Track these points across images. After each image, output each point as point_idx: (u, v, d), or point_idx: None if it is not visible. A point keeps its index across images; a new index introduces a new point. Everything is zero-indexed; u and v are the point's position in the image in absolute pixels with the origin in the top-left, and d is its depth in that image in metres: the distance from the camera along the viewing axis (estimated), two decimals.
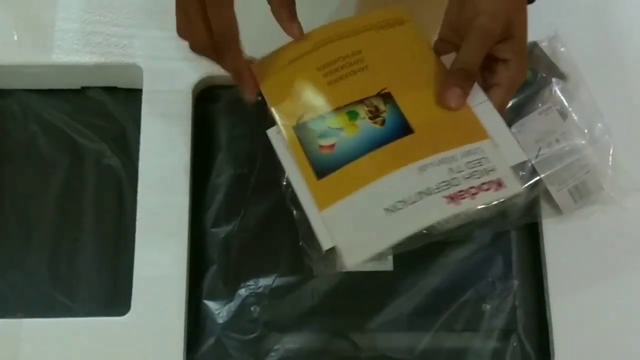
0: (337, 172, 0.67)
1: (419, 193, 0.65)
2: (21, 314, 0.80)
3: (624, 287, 0.80)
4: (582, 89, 0.84)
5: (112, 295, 0.82)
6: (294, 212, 0.79)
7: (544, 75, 0.83)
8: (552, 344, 0.79)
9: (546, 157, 0.81)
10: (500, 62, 0.70)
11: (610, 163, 0.82)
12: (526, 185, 0.80)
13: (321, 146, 0.69)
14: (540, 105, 0.82)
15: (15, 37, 0.85)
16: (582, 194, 0.81)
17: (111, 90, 0.88)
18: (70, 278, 0.82)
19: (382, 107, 0.70)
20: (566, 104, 0.82)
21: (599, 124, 0.83)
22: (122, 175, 0.85)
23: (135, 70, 0.85)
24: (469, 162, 0.66)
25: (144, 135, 0.83)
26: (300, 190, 0.68)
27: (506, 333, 0.81)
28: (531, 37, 0.84)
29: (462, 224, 0.79)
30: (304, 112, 0.71)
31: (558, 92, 0.83)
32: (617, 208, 0.81)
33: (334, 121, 0.70)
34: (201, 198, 0.84)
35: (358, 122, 0.69)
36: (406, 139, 0.68)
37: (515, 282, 0.82)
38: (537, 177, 0.80)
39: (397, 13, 0.77)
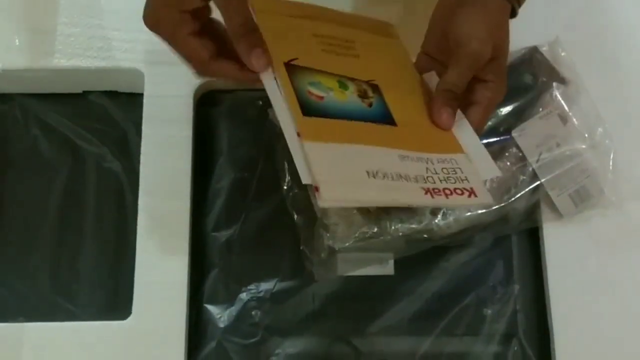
0: (324, 119, 0.65)
1: (399, 175, 0.63)
2: (23, 318, 0.80)
3: (624, 291, 0.80)
4: (582, 93, 0.84)
5: (113, 299, 0.82)
6: (295, 216, 0.80)
7: (544, 79, 0.83)
8: (553, 348, 0.79)
9: (547, 161, 0.81)
10: (481, 82, 0.69)
11: (610, 167, 0.82)
12: (527, 189, 0.80)
13: (310, 92, 0.67)
14: (540, 109, 0.82)
15: (17, 41, 0.85)
16: (582, 198, 0.81)
17: (112, 94, 0.88)
18: (72, 282, 0.82)
19: (370, 93, 0.70)
20: (567, 108, 0.82)
21: (599, 129, 0.83)
22: (123, 179, 0.85)
23: (136, 74, 0.85)
24: (444, 167, 0.66)
25: (145, 140, 0.83)
26: (285, 123, 0.64)
27: (507, 337, 0.81)
28: (532, 41, 0.85)
29: (463, 228, 0.79)
30: (298, 56, 0.68)
31: (559, 96, 0.83)
32: (617, 212, 0.81)
33: (325, 80, 0.68)
34: (202, 202, 0.84)
35: (347, 93, 0.69)
36: (389, 127, 0.68)
37: (516, 287, 0.82)
38: (538, 182, 0.81)
39: (389, 28, 0.78)
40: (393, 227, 0.78)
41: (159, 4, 0.66)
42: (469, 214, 0.79)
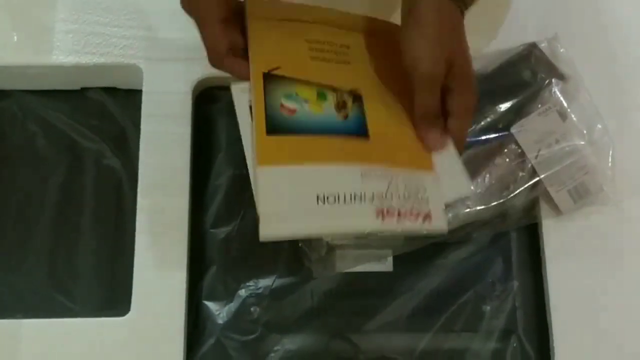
0: (288, 136, 0.66)
1: (354, 195, 0.64)
2: (21, 314, 0.80)
3: (623, 288, 0.80)
4: (581, 90, 0.84)
5: (112, 295, 0.82)
6: None
7: (543, 76, 0.83)
8: (552, 344, 0.79)
9: (546, 158, 0.81)
10: (447, 92, 0.68)
11: (609, 164, 0.82)
12: (526, 185, 0.80)
13: (282, 105, 0.67)
14: (540, 106, 0.82)
15: (15, 38, 0.85)
16: (581, 194, 0.81)
17: (111, 90, 0.88)
18: (70, 278, 0.82)
19: (349, 103, 0.69)
20: (566, 105, 0.82)
21: (598, 125, 0.83)
22: (122, 175, 0.85)
23: (135, 70, 0.85)
24: (407, 185, 0.66)
25: (144, 136, 0.83)
26: (247, 143, 0.66)
27: (506, 334, 0.81)
28: (530, 38, 0.85)
29: (462, 225, 0.79)
30: (279, 66, 0.69)
31: (558, 93, 0.83)
32: (616, 208, 0.82)
33: (303, 91, 0.68)
34: (201, 199, 0.84)
35: (324, 104, 0.68)
36: (360, 141, 0.68)
37: (515, 283, 0.82)
38: (537, 178, 0.81)
39: (392, 27, 0.77)
40: None
41: None
42: (467, 210, 0.79)
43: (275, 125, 0.65)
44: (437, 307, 0.81)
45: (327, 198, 0.63)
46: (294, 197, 0.63)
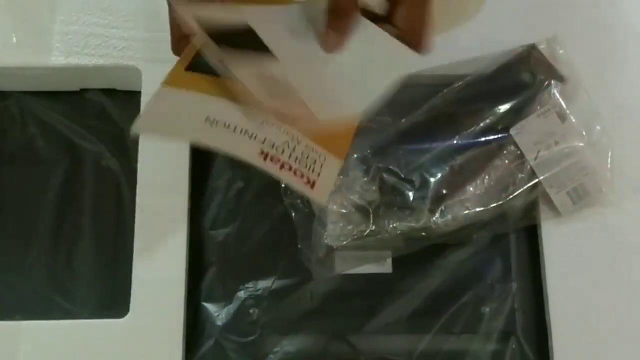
0: (208, 75, 0.62)
1: (245, 131, 0.61)
2: (20, 316, 0.80)
3: (623, 290, 0.80)
4: (580, 91, 0.84)
5: (111, 297, 0.82)
6: (293, 214, 0.80)
7: (543, 77, 0.83)
8: (552, 346, 0.79)
9: (545, 159, 0.81)
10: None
11: (609, 166, 0.82)
12: (525, 187, 0.80)
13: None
14: (539, 107, 0.82)
15: (14, 39, 0.85)
16: (581, 196, 0.81)
17: (110, 92, 0.88)
18: (69, 280, 0.82)
19: None
20: (565, 106, 0.82)
21: (597, 127, 0.83)
22: (121, 177, 0.85)
23: (134, 72, 0.84)
24: (306, 152, 0.63)
25: (143, 137, 0.83)
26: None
27: (505, 336, 0.81)
28: (530, 39, 0.85)
29: (461, 226, 0.79)
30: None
31: (557, 94, 0.83)
32: (616, 210, 0.82)
33: None
34: (200, 200, 0.84)
35: None
36: None
37: (515, 285, 0.82)
38: (536, 180, 0.81)
39: None
40: (391, 226, 0.78)
41: None
42: (467, 212, 0.79)
43: (197, 66, 0.63)
44: (436, 308, 0.81)
45: (217, 122, 0.60)
46: (184, 113, 0.61)
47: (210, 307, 0.81)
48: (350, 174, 0.79)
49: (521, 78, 0.84)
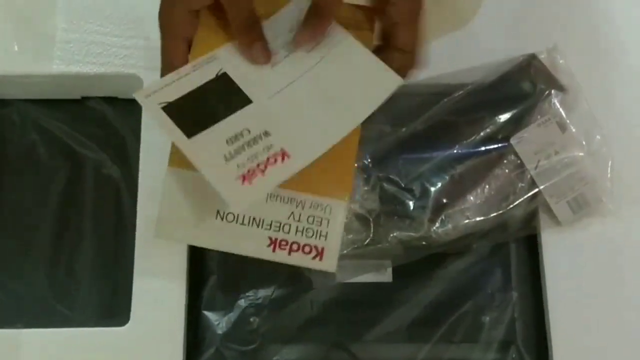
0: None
1: (253, 219, 0.64)
2: (20, 324, 0.80)
3: (623, 299, 0.80)
4: (580, 100, 0.84)
5: (112, 305, 0.82)
6: None
7: (543, 87, 0.83)
8: (552, 355, 0.79)
9: (545, 169, 0.81)
10: (389, 3, 0.65)
11: (608, 175, 0.82)
12: (525, 197, 0.81)
13: None
14: (539, 117, 0.82)
15: (16, 47, 0.85)
16: (580, 205, 0.81)
17: (111, 100, 0.88)
18: (70, 288, 0.82)
19: None
20: (565, 116, 0.82)
21: (597, 136, 0.83)
22: (122, 185, 0.85)
23: (135, 80, 0.85)
24: (310, 216, 0.64)
25: (144, 145, 0.83)
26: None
27: (505, 345, 0.81)
28: (530, 49, 0.85)
29: (461, 235, 0.79)
30: None
31: (557, 104, 0.83)
32: (615, 220, 0.82)
33: None
34: None
35: None
36: None
37: (515, 294, 0.82)
38: (536, 189, 0.81)
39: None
40: (391, 235, 0.78)
41: (167, 3, 0.65)
42: (467, 221, 0.79)
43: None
44: (436, 317, 0.81)
45: (227, 216, 0.63)
46: (196, 205, 0.63)
47: (211, 315, 0.81)
48: None
49: (521, 87, 0.84)
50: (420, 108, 0.83)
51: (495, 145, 0.82)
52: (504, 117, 0.83)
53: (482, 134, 0.82)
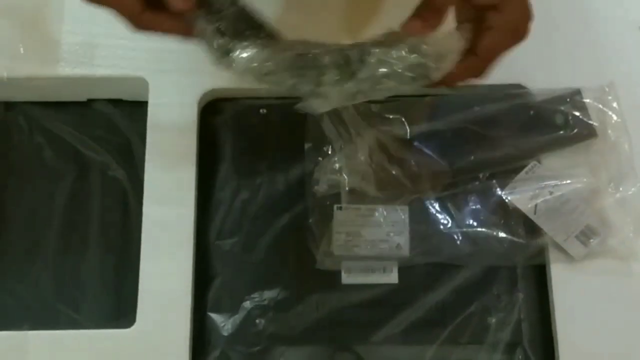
0: None
1: None
2: (27, 326, 0.80)
3: (629, 300, 0.80)
4: (621, 143, 0.83)
5: (118, 307, 0.82)
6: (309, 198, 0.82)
7: (572, 123, 0.84)
8: (558, 356, 0.78)
9: (545, 211, 0.81)
10: (490, 10, 0.64)
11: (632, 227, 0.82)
12: (531, 241, 0.82)
13: None
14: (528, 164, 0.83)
15: (22, 50, 0.85)
16: (589, 236, 0.80)
17: (117, 102, 0.88)
18: (76, 290, 0.82)
19: None
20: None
21: (632, 188, 0.82)
22: (128, 187, 0.85)
23: (140, 82, 0.85)
24: None
25: (150, 148, 0.83)
26: None
27: (511, 346, 0.80)
28: (587, 81, 0.85)
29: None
30: None
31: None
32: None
33: None
34: (206, 210, 0.84)
35: None
36: None
37: (521, 295, 0.82)
38: (544, 237, 0.81)
39: None
40: None
41: None
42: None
43: None
44: (442, 319, 0.81)
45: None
46: None
47: (216, 317, 0.81)
48: None
49: (554, 119, 0.84)
50: (448, 110, 0.85)
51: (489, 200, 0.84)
52: (525, 141, 0.84)
53: (499, 153, 0.83)
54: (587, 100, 0.84)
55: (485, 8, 0.64)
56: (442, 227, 0.82)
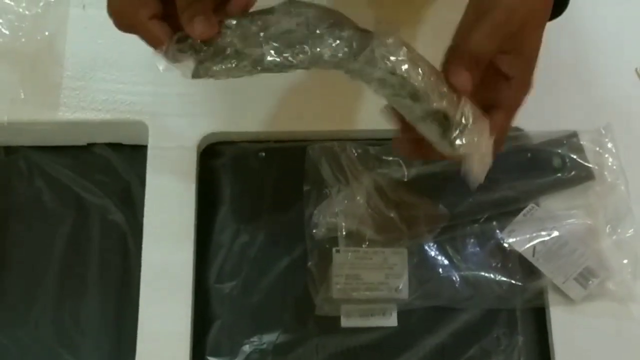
0: None
1: None
2: None
3: (628, 343, 0.80)
4: (618, 187, 0.84)
5: (118, 350, 0.82)
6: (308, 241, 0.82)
7: (569, 166, 0.84)
8: None
9: (543, 253, 0.81)
10: (502, 80, 0.64)
11: (629, 269, 0.82)
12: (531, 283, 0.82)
13: None
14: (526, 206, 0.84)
15: (22, 94, 0.86)
16: (587, 278, 0.80)
17: (116, 146, 0.89)
18: (75, 333, 0.82)
19: None
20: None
21: (630, 230, 0.83)
22: (127, 230, 0.86)
23: (140, 126, 0.85)
24: None
25: (149, 191, 0.83)
26: None
27: None
28: (582, 125, 0.86)
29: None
30: None
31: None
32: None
33: None
34: (205, 253, 0.84)
35: None
36: None
37: (520, 338, 0.82)
38: (543, 279, 0.81)
39: None
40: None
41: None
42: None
43: None
44: None
45: None
46: None
47: None
48: None
49: (552, 161, 0.85)
50: None
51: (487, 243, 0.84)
52: (523, 183, 0.84)
53: (497, 195, 0.84)
54: (584, 143, 0.85)
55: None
56: (440, 270, 0.82)
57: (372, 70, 0.61)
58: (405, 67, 0.60)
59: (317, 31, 0.61)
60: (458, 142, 0.62)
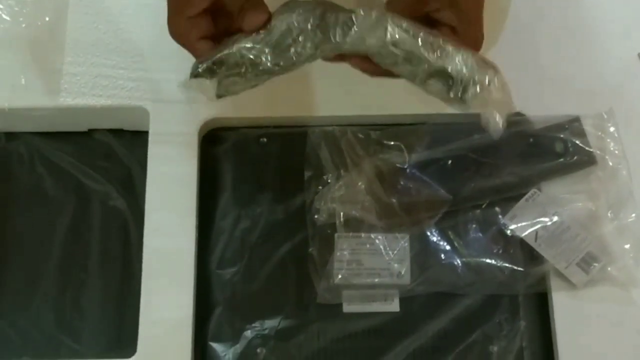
0: None
1: None
2: (28, 356, 0.80)
3: (630, 328, 0.80)
4: (620, 172, 0.84)
5: (118, 337, 0.82)
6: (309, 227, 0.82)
7: (572, 150, 0.84)
8: None
9: (545, 239, 0.81)
10: (450, 30, 0.67)
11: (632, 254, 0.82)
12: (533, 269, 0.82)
13: None
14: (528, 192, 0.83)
15: (23, 80, 0.86)
16: (589, 263, 0.80)
17: (117, 132, 0.89)
18: (77, 320, 0.82)
19: None
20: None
21: (632, 214, 0.83)
22: (128, 216, 0.86)
23: (141, 112, 0.85)
24: None
25: (150, 177, 0.83)
26: None
27: None
28: (587, 107, 0.86)
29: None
30: None
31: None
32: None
33: None
34: (206, 239, 0.84)
35: None
36: None
37: (523, 323, 0.82)
38: (545, 264, 0.81)
39: None
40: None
41: (170, 14, 0.68)
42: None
43: None
44: (444, 347, 0.80)
45: None
46: None
47: (217, 346, 0.81)
48: None
49: (554, 146, 0.85)
50: (448, 138, 0.85)
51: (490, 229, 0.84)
52: (525, 168, 0.84)
53: (499, 181, 0.84)
54: (586, 128, 0.85)
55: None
56: (442, 256, 0.82)
57: (365, 47, 0.64)
58: (393, 36, 0.63)
59: (309, 27, 0.65)
60: (467, 96, 0.64)
